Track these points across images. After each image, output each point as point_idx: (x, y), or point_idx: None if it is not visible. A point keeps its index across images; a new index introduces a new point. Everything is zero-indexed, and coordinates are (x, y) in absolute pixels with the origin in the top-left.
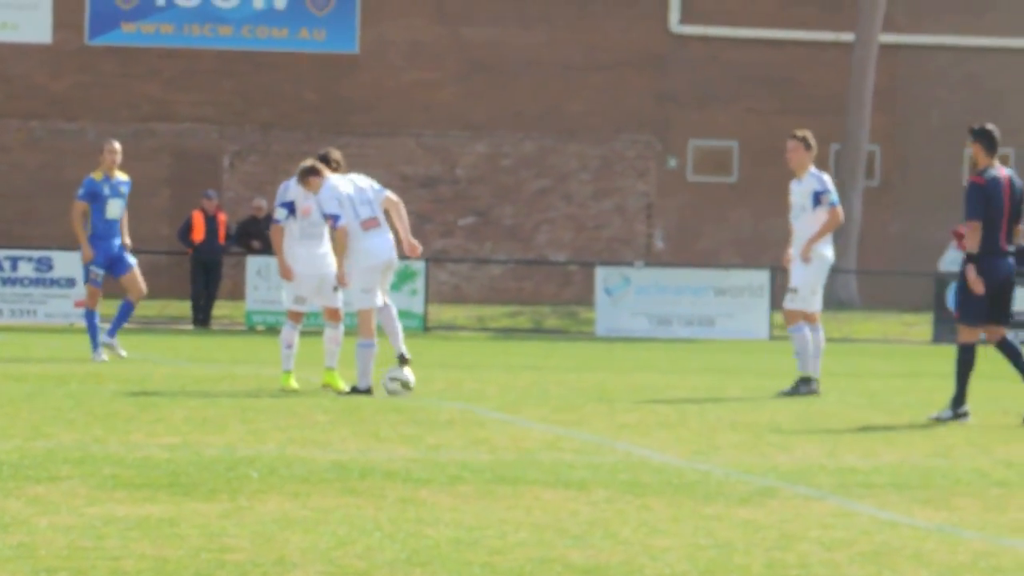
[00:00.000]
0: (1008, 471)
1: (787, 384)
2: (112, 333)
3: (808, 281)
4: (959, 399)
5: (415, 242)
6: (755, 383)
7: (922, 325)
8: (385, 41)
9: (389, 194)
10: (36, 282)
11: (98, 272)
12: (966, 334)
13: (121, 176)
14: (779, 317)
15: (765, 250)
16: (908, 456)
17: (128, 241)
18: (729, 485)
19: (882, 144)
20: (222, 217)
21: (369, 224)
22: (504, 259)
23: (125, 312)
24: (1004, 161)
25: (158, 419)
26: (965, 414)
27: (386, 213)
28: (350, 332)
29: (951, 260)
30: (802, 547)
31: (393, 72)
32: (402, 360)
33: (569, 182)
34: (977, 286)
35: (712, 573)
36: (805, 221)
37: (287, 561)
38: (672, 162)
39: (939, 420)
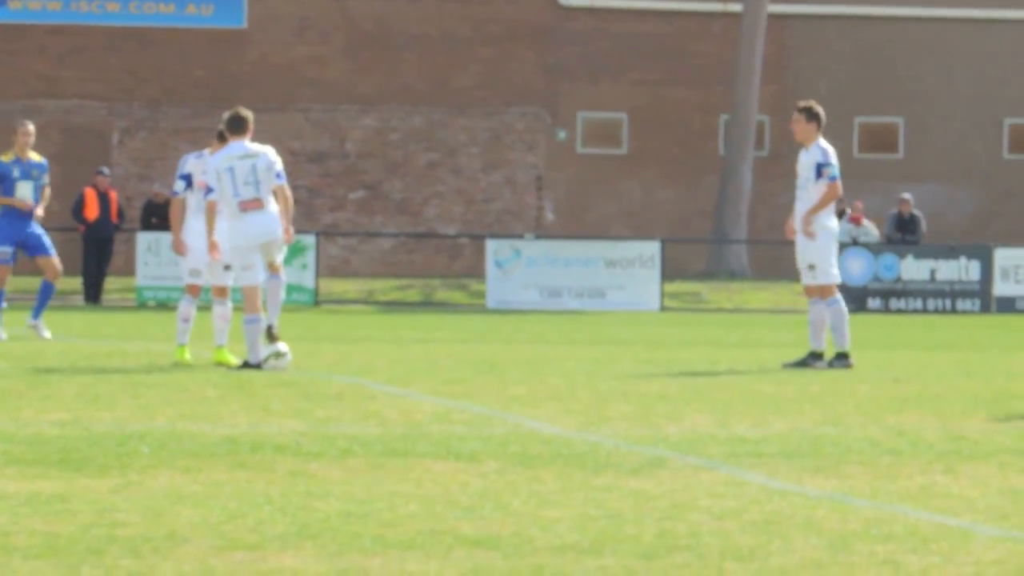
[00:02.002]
0: (899, 439)
1: (793, 357)
2: (36, 315)
3: (824, 255)
4: None
5: (292, 231)
6: (645, 354)
7: None
8: (273, 16)
9: (283, 183)
10: None
11: (6, 251)
12: None
13: (34, 157)
14: (670, 287)
15: (655, 221)
16: (798, 425)
17: (40, 213)
18: (619, 456)
19: (771, 115)
20: (113, 194)
21: (248, 205)
22: (394, 232)
23: (46, 294)
24: (893, 130)
25: (48, 395)
26: None
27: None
28: (239, 307)
29: (840, 231)
30: (692, 517)
31: (281, 47)
32: (269, 333)
33: (458, 155)
34: None
35: (602, 544)
36: (808, 193)
37: (178, 535)
38: (561, 134)
39: None
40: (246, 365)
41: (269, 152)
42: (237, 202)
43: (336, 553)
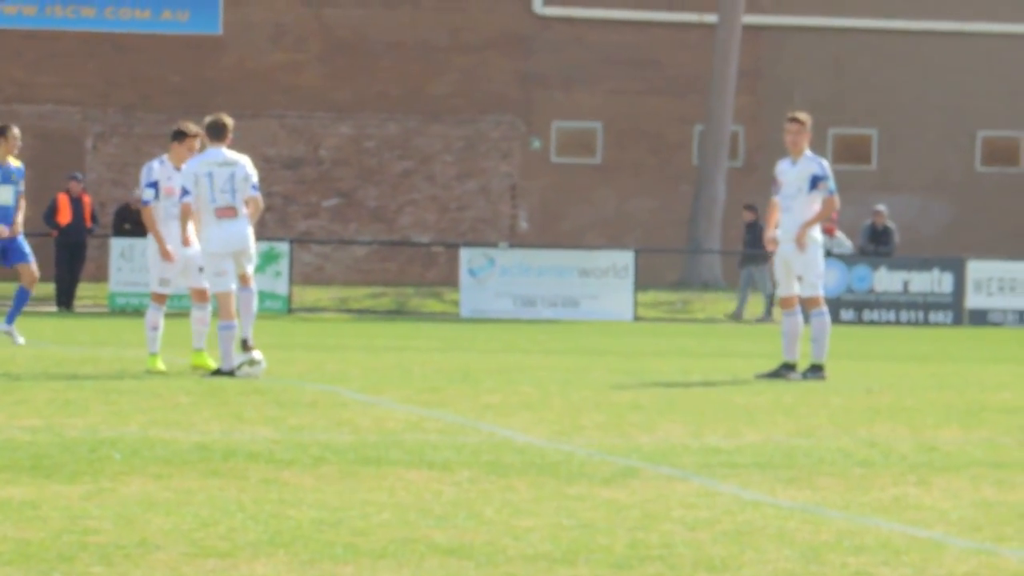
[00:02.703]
0: (871, 450)
1: (768, 367)
2: (10, 321)
3: (813, 267)
4: None
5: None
6: (619, 364)
7: None
8: (248, 23)
9: (257, 195)
10: None
11: None
12: None
13: (13, 163)
14: (644, 297)
15: (629, 231)
16: (771, 436)
17: (19, 227)
18: (592, 465)
19: (745, 125)
20: (87, 199)
21: (223, 212)
22: (368, 240)
23: (21, 299)
24: (867, 142)
25: (20, 401)
26: None
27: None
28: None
29: None
30: (665, 527)
31: (256, 54)
32: (243, 346)
33: (433, 163)
34: None
35: (575, 553)
36: (800, 203)
37: (150, 543)
38: (536, 143)
39: None
40: (219, 372)
41: (247, 163)
42: (213, 208)
43: (308, 561)
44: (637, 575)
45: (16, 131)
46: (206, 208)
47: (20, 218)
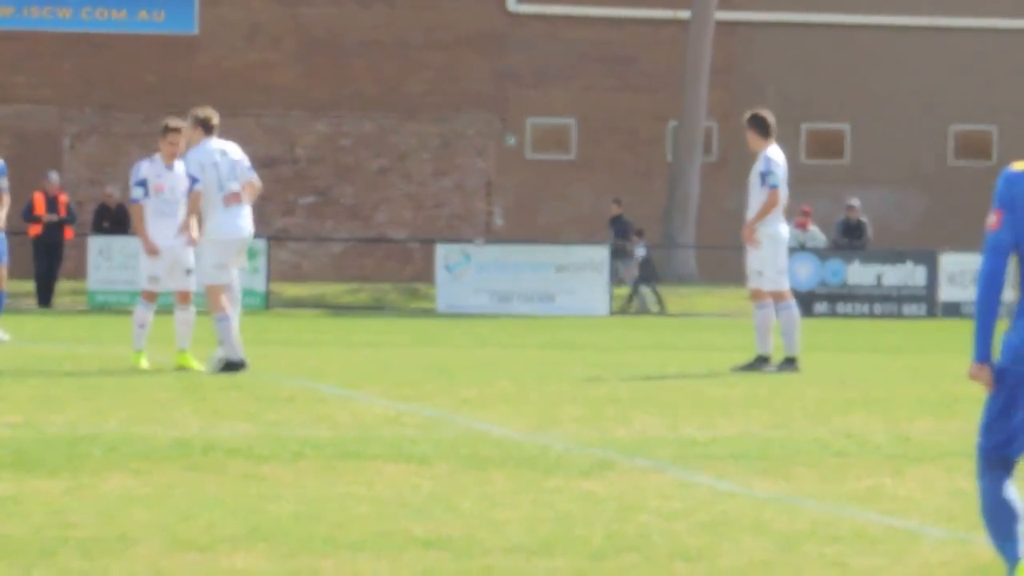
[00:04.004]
0: (846, 441)
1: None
2: None
3: (771, 261)
4: None
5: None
6: (595, 358)
7: None
8: (224, 22)
9: (254, 178)
10: None
11: None
12: None
13: None
14: (620, 292)
15: (604, 226)
16: (746, 427)
17: (0, 223)
18: (569, 458)
19: (719, 120)
20: (63, 198)
21: (231, 199)
22: (345, 237)
23: None
24: (840, 136)
25: (1, 398)
26: None
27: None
28: (201, 311)
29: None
30: (641, 518)
31: (232, 53)
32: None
33: (409, 161)
34: None
35: (552, 545)
36: (755, 199)
37: (130, 537)
38: (511, 140)
39: None
40: (231, 366)
41: (238, 148)
42: (222, 196)
43: (288, 554)
44: (614, 566)
45: None
46: (214, 196)
47: (3, 214)
